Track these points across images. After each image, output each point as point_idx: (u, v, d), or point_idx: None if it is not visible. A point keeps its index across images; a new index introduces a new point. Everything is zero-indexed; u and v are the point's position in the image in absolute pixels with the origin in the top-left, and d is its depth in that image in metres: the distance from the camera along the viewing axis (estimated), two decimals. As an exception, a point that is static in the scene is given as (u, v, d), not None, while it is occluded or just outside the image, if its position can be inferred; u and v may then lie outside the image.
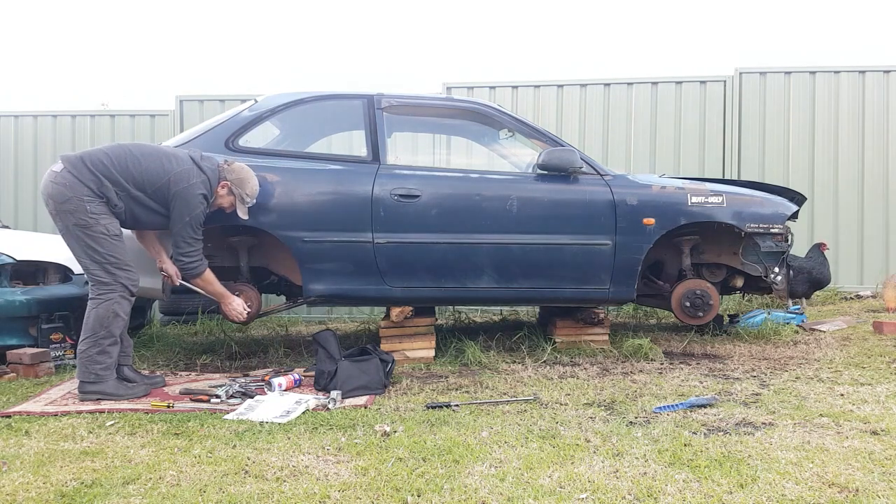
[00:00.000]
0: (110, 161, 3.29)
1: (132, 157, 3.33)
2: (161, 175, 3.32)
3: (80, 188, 3.22)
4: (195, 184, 3.35)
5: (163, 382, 3.55)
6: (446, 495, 2.02)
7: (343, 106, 4.25)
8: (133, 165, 3.31)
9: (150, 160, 3.35)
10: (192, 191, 3.34)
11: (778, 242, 4.08)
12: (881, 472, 2.14)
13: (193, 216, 3.36)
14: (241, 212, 3.56)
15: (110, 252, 3.26)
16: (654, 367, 3.84)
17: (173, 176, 3.33)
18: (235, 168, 3.53)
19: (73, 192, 3.22)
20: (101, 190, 3.25)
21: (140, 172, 3.31)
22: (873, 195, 6.23)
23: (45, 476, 2.23)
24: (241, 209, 3.55)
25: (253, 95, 5.51)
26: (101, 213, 3.26)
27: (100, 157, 3.29)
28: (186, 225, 3.36)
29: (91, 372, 3.24)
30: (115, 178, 3.27)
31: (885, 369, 3.62)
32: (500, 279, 3.93)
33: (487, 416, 2.87)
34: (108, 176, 3.26)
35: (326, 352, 3.44)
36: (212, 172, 3.45)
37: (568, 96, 6.49)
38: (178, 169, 3.35)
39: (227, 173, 3.51)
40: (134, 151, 3.38)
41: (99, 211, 3.25)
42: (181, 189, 3.32)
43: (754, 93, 6.34)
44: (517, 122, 4.23)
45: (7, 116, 6.92)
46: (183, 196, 3.32)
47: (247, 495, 2.04)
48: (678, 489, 2.04)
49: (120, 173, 3.28)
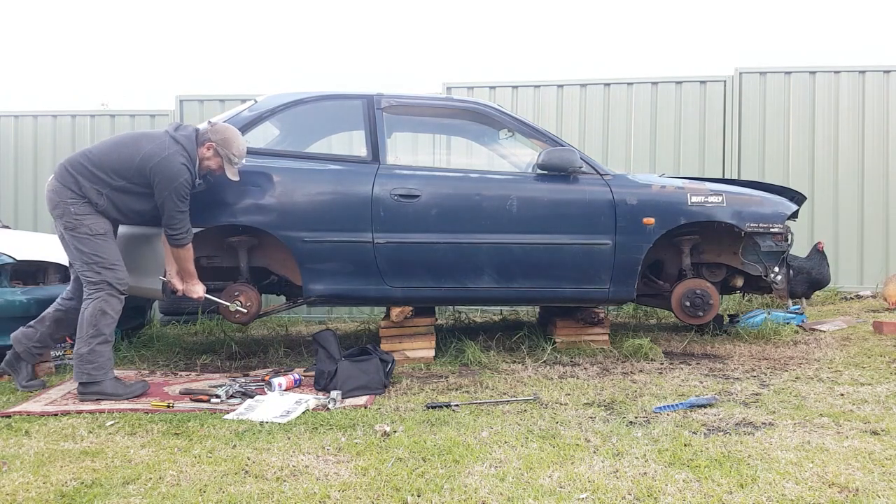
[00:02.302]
0: (87, 159, 3.35)
1: (105, 149, 3.40)
2: (134, 156, 3.34)
3: (64, 192, 3.32)
4: (170, 154, 3.33)
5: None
6: (446, 495, 2.02)
7: (343, 106, 4.25)
8: (109, 156, 3.36)
9: (122, 147, 3.39)
10: (168, 161, 3.32)
11: (778, 242, 4.08)
12: (881, 472, 2.14)
13: (175, 186, 3.33)
14: (231, 173, 3.53)
15: (94, 251, 3.29)
16: (654, 367, 3.84)
17: (146, 153, 3.33)
18: (219, 128, 3.51)
19: (59, 197, 3.33)
20: (82, 191, 3.31)
21: (117, 160, 3.34)
22: (873, 195, 6.23)
23: (45, 476, 2.23)
24: (230, 170, 3.52)
25: (253, 95, 5.51)
26: (85, 214, 3.31)
27: (78, 159, 3.37)
28: (170, 197, 3.34)
29: (84, 372, 3.25)
30: (94, 175, 3.32)
31: (885, 369, 3.62)
32: (501, 279, 3.93)
33: (487, 416, 2.87)
34: (86, 175, 3.32)
35: (326, 352, 3.44)
36: (187, 140, 3.41)
37: (568, 96, 6.49)
38: (149, 146, 3.35)
39: (210, 134, 3.48)
40: (107, 143, 3.46)
41: (83, 212, 3.30)
42: (156, 163, 3.31)
43: (754, 93, 6.34)
44: (517, 122, 4.23)
45: (7, 116, 6.92)
46: (160, 169, 3.31)
47: (247, 495, 2.04)
48: (678, 489, 2.04)
49: (98, 168, 3.33)
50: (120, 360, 4.31)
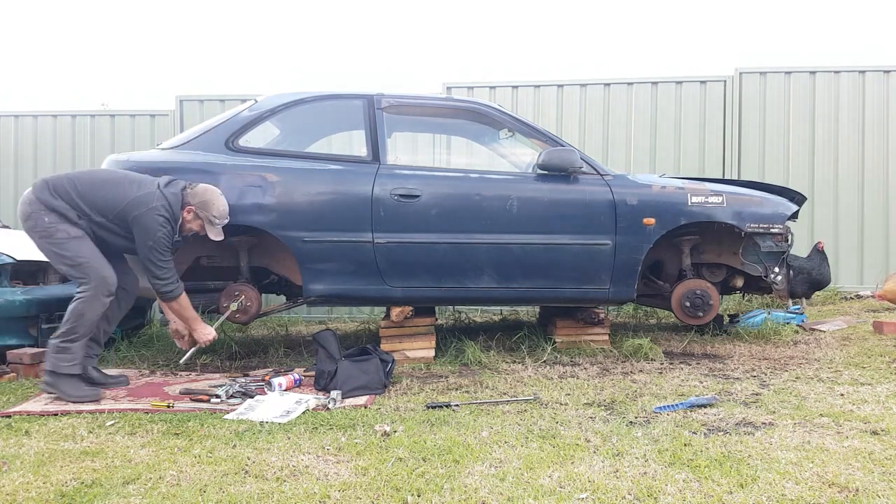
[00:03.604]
0: (73, 187, 3.33)
1: (95, 184, 3.37)
2: (120, 200, 3.33)
3: (37, 204, 3.31)
4: (154, 208, 3.32)
5: (126, 382, 3.60)
6: (446, 495, 2.02)
7: (343, 106, 4.25)
8: (95, 192, 3.34)
9: (111, 186, 3.37)
10: (150, 215, 3.31)
11: (778, 242, 4.08)
12: (881, 472, 2.14)
13: (155, 240, 3.32)
14: (213, 233, 3.52)
15: (77, 253, 3.28)
16: (654, 367, 3.84)
17: (131, 201, 3.32)
18: (198, 191, 3.49)
19: (32, 208, 3.31)
20: (59, 210, 3.29)
21: (101, 198, 3.33)
22: (873, 195, 6.23)
23: (45, 476, 2.23)
24: (212, 231, 3.52)
25: (253, 95, 5.51)
26: (58, 221, 3.29)
27: (63, 184, 3.34)
28: (150, 249, 3.33)
29: (50, 363, 3.25)
30: (75, 204, 3.31)
31: (885, 369, 3.62)
32: (501, 279, 3.93)
33: (487, 415, 2.87)
34: (67, 200, 3.30)
35: (326, 352, 3.44)
36: (173, 197, 3.41)
37: (568, 96, 6.49)
38: (136, 194, 3.34)
39: (189, 197, 3.47)
40: (97, 178, 3.43)
41: (55, 220, 3.29)
42: (139, 214, 3.31)
43: (754, 93, 6.35)
44: (517, 121, 4.23)
45: (7, 116, 6.92)
46: (141, 221, 3.31)
47: (247, 495, 2.04)
48: (678, 489, 2.04)
49: (81, 198, 3.32)
50: (120, 360, 4.31)
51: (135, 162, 3.87)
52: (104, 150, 6.58)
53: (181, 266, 3.96)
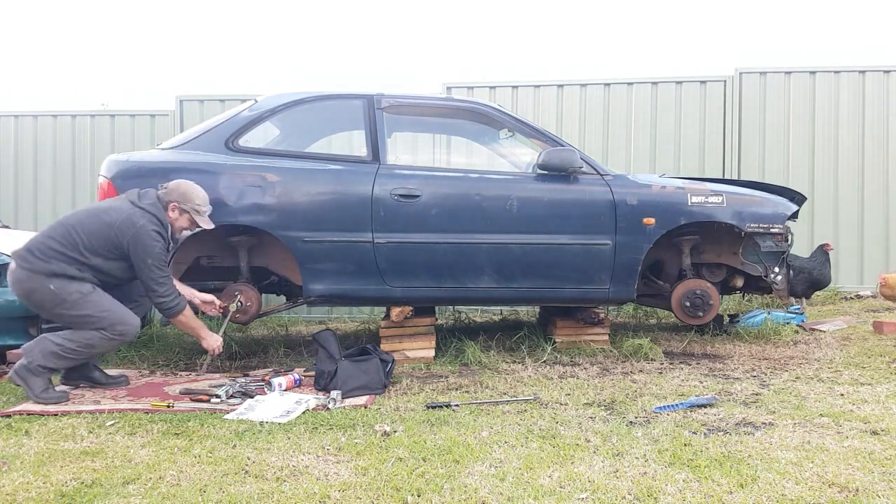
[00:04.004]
0: (56, 242, 3.23)
1: (74, 229, 3.26)
2: (106, 230, 3.25)
3: (35, 277, 3.20)
4: (143, 225, 3.27)
5: (126, 382, 3.60)
6: (446, 495, 2.02)
7: (343, 106, 4.25)
8: (78, 235, 3.24)
9: (90, 223, 3.28)
10: (143, 232, 3.27)
11: (778, 242, 4.08)
12: (881, 472, 2.14)
13: (154, 256, 3.29)
14: (203, 222, 3.48)
15: (98, 308, 3.23)
16: (654, 367, 3.84)
17: (118, 227, 3.25)
18: (172, 187, 3.45)
19: (34, 283, 3.20)
20: (53, 270, 3.20)
21: (87, 238, 3.24)
22: (873, 195, 6.23)
23: (45, 476, 2.23)
24: (201, 220, 3.48)
25: (253, 95, 5.51)
26: (66, 283, 3.21)
27: (46, 243, 3.23)
28: (151, 267, 3.30)
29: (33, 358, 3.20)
30: (69, 257, 3.22)
31: (885, 369, 3.62)
32: (501, 279, 3.93)
33: (487, 415, 2.87)
34: (58, 258, 3.20)
35: (326, 352, 3.44)
36: (153, 207, 3.36)
37: (568, 96, 6.49)
38: (120, 218, 3.27)
39: (167, 196, 3.43)
40: (72, 221, 3.30)
41: (62, 283, 3.20)
42: (132, 235, 3.25)
43: (754, 93, 6.34)
44: (517, 121, 4.23)
45: (7, 116, 6.92)
46: (136, 241, 3.26)
47: (247, 495, 2.04)
48: (678, 489, 2.04)
49: (71, 249, 3.22)
50: (120, 360, 4.31)
51: (135, 162, 3.87)
52: (104, 150, 6.58)
53: (181, 266, 3.96)
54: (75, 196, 6.76)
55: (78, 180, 6.80)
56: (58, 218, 3.42)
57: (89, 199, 6.42)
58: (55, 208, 6.76)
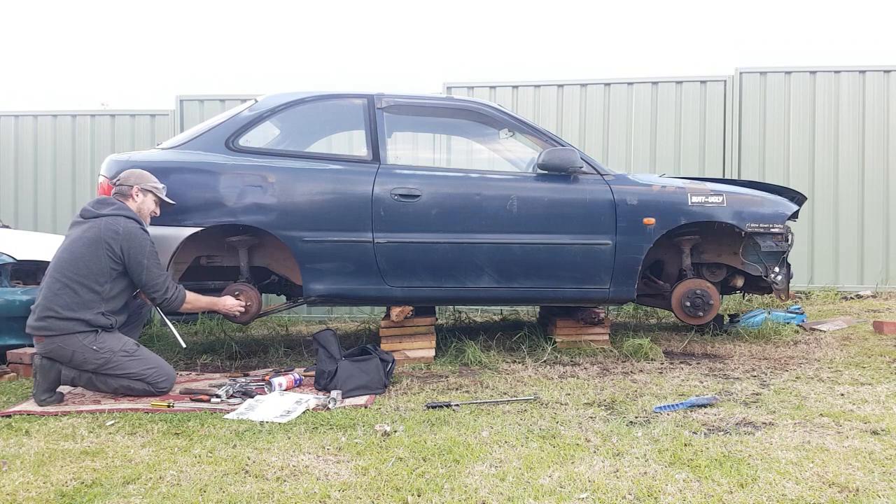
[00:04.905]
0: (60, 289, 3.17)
1: (68, 266, 3.20)
2: (95, 248, 3.21)
3: (70, 338, 3.16)
4: (125, 226, 3.27)
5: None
6: (446, 495, 2.01)
7: (343, 106, 4.25)
8: (76, 269, 3.19)
9: (77, 249, 3.23)
10: (128, 233, 3.26)
11: (778, 242, 4.08)
12: (881, 472, 2.14)
13: (147, 253, 3.30)
14: (166, 198, 3.55)
15: (142, 367, 3.25)
16: (654, 367, 3.84)
17: (106, 238, 3.23)
18: (125, 176, 3.48)
19: (70, 346, 3.17)
20: (87, 319, 3.17)
21: (84, 266, 3.20)
22: (873, 195, 6.23)
23: (45, 476, 2.23)
24: (164, 195, 3.54)
25: (253, 95, 5.51)
26: (105, 337, 3.22)
27: (61, 302, 3.16)
28: (149, 266, 3.30)
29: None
30: (86, 302, 3.19)
31: (885, 369, 3.62)
32: (501, 279, 3.93)
33: (488, 415, 2.87)
34: (83, 305, 3.18)
35: (327, 351, 3.44)
36: (119, 208, 3.35)
37: (568, 96, 6.50)
38: (101, 230, 3.23)
39: (127, 181, 3.45)
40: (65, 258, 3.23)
41: (102, 339, 3.21)
42: (121, 240, 3.25)
43: (754, 93, 6.35)
44: (517, 121, 4.23)
45: (7, 116, 6.93)
46: (127, 243, 3.26)
47: (247, 495, 2.04)
48: (678, 489, 2.04)
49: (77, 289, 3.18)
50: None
51: (135, 162, 3.87)
52: (104, 150, 6.59)
53: (181, 266, 3.96)
54: (75, 196, 6.76)
55: (78, 180, 6.81)
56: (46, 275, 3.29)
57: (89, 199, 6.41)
58: (55, 208, 6.77)
